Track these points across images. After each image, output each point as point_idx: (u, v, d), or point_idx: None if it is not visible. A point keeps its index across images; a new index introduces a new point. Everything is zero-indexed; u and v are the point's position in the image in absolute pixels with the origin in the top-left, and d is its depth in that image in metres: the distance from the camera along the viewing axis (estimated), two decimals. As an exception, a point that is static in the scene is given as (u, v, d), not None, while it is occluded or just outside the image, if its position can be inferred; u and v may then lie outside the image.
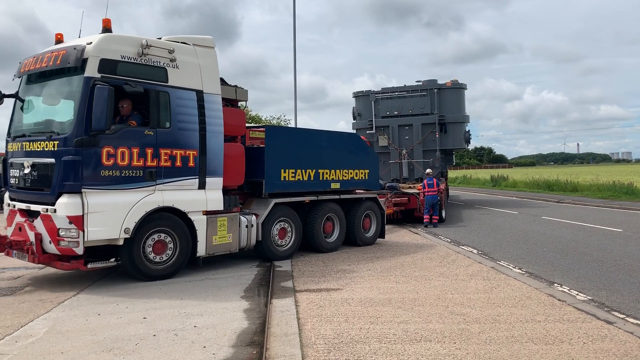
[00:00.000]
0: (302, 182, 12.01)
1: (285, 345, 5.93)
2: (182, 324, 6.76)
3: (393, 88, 26.78)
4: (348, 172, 13.19)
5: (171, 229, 9.42)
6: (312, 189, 12.31)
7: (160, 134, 9.26)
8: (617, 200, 27.81)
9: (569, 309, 7.51)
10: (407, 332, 6.43)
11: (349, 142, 13.68)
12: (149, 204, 9.05)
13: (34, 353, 5.77)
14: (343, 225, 13.05)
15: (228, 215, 10.37)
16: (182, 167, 9.54)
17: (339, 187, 12.94)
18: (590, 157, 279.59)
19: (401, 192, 19.47)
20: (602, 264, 10.97)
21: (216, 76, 10.32)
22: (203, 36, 10.31)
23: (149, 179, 9.08)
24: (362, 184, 13.72)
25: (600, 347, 5.90)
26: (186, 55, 9.77)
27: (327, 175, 12.61)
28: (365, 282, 9.33)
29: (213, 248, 10.11)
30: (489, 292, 8.58)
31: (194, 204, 9.73)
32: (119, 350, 5.82)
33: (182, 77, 9.63)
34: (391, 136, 25.75)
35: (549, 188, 38.65)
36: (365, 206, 13.77)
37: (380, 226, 14.25)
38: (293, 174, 11.78)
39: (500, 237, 15.55)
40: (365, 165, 13.75)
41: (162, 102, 9.35)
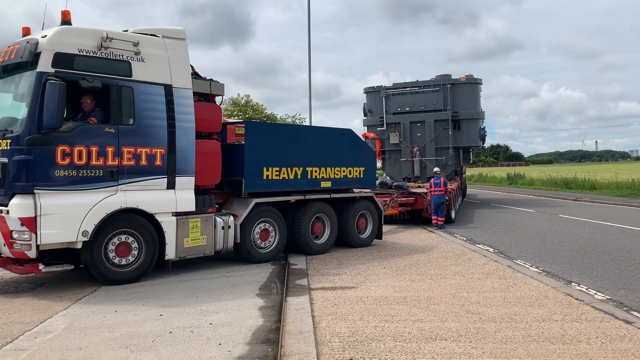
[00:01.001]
0: (288, 181, 11.46)
1: (300, 343, 5.94)
2: (197, 321, 6.81)
3: (405, 83, 25.86)
4: (341, 170, 12.60)
5: (136, 231, 8.98)
6: (300, 188, 11.77)
7: (122, 131, 8.78)
8: (636, 199, 27.39)
9: (587, 308, 7.42)
10: (423, 331, 6.41)
11: (341, 139, 12.99)
12: (110, 205, 8.60)
13: (52, 349, 5.85)
14: (334, 225, 12.46)
15: (202, 216, 9.87)
16: (148, 166, 9.08)
17: (330, 185, 12.39)
18: (609, 155, 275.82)
19: (408, 191, 18.74)
20: (620, 263, 10.82)
21: (187, 69, 9.81)
22: (173, 27, 9.85)
23: (110, 179, 8.64)
24: (356, 182, 13.11)
25: (619, 347, 5.82)
26: (153, 47, 9.29)
27: (316, 173, 12.02)
28: (380, 281, 9.31)
29: (184, 251, 9.62)
30: (505, 290, 8.51)
31: (162, 205, 9.26)
32: (135, 346, 5.88)
33: (148, 71, 9.15)
34: (402, 133, 25.01)
35: (567, 186, 38.18)
36: (360, 206, 13.19)
37: (377, 227, 13.63)
38: (277, 173, 11.22)
39: (516, 235, 15.42)
40: (360, 163, 13.15)
41: (125, 97, 8.87)
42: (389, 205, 17.19)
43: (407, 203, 18.12)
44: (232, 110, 42.35)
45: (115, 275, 8.84)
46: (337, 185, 12.59)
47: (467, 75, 25.21)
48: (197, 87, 10.21)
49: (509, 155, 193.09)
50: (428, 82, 25.25)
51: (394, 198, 17.65)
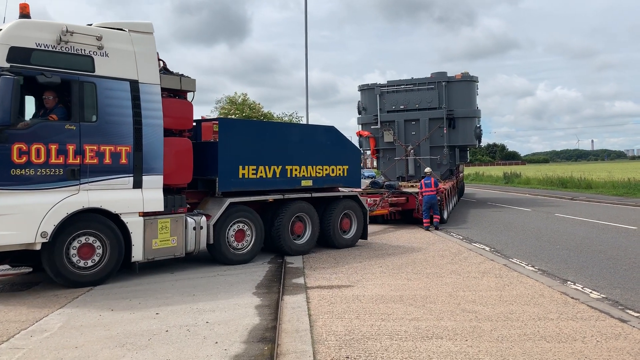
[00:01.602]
0: (266, 180, 11.12)
1: (296, 342, 5.95)
2: (194, 319, 6.80)
3: (399, 81, 25.31)
4: (323, 168, 12.27)
5: (100, 232, 8.65)
6: (279, 187, 11.46)
7: (84, 128, 8.47)
8: (632, 198, 27.49)
9: (583, 307, 7.45)
10: (419, 329, 6.42)
11: (324, 136, 12.64)
12: (71, 205, 8.28)
13: (48, 347, 5.84)
14: (316, 225, 12.13)
15: (171, 216, 9.54)
16: (113, 164, 8.76)
17: (312, 184, 12.04)
18: (605, 154, 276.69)
19: (399, 191, 18.30)
20: (616, 262, 10.86)
21: (154, 64, 9.48)
22: (141, 21, 9.53)
23: (71, 178, 8.32)
24: (340, 181, 12.80)
25: (614, 346, 5.85)
26: (119, 42, 8.98)
27: (296, 172, 11.69)
28: (376, 279, 9.32)
29: (153, 252, 9.29)
30: (501, 289, 8.53)
31: (128, 205, 8.94)
32: (132, 345, 5.87)
33: (112, 66, 8.84)
34: (397, 131, 24.49)
35: (563, 185, 38.30)
36: (344, 205, 12.86)
37: (362, 227, 13.30)
38: (254, 171, 10.88)
39: (512, 234, 15.46)
40: (344, 161, 12.81)
41: (87, 93, 8.54)
42: (379, 205, 16.93)
43: (398, 203, 17.72)
44: (229, 109, 42.31)
45: (77, 278, 8.51)
46: (319, 184, 12.27)
47: (462, 73, 24.77)
48: (167, 82, 9.86)
49: (506, 154, 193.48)
50: (423, 79, 24.83)
51: (385, 198, 17.35)
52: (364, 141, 25.45)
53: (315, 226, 12.16)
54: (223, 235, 10.42)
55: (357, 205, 13.23)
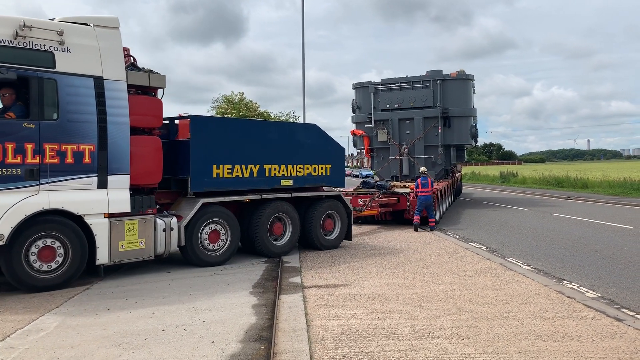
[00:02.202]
0: (243, 179, 10.80)
1: (293, 341, 5.95)
2: (190, 319, 6.80)
3: (394, 79, 24.85)
4: (304, 167, 11.94)
5: (62, 234, 8.35)
6: (257, 187, 11.13)
7: (44, 126, 8.18)
8: (627, 197, 27.59)
9: (578, 306, 7.47)
10: (415, 328, 6.43)
11: (305, 135, 12.31)
12: (30, 206, 8.00)
13: (44, 347, 5.83)
14: (296, 226, 11.78)
15: (139, 217, 9.24)
16: (75, 163, 8.46)
17: (292, 184, 11.72)
18: (601, 154, 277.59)
19: (390, 191, 17.84)
20: (612, 261, 10.90)
21: (120, 60, 9.15)
22: (106, 16, 9.25)
23: (30, 178, 8.03)
24: (322, 180, 12.44)
25: (610, 345, 5.87)
26: (82, 37, 8.66)
27: (275, 171, 11.36)
28: (373, 278, 9.33)
29: (119, 255, 9.00)
30: (497, 288, 8.55)
31: (92, 206, 8.64)
32: (128, 344, 5.86)
33: (75, 62, 8.52)
34: (391, 130, 24.05)
35: (559, 185, 38.41)
36: (327, 205, 12.52)
37: (346, 227, 12.99)
38: (230, 170, 10.56)
39: (509, 233, 15.49)
40: (327, 160, 12.47)
41: (47, 90, 8.26)
42: (368, 206, 16.76)
43: (389, 204, 17.38)
44: (225, 108, 42.26)
45: (36, 282, 8.22)
46: (300, 183, 11.94)
47: (458, 71, 24.37)
48: (134, 79, 9.54)
49: (502, 153, 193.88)
50: (418, 77, 24.44)
51: (375, 198, 17.04)
52: (358, 140, 25.18)
53: (296, 227, 11.81)
54: (196, 236, 10.13)
55: (341, 205, 12.90)
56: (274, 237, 11.50)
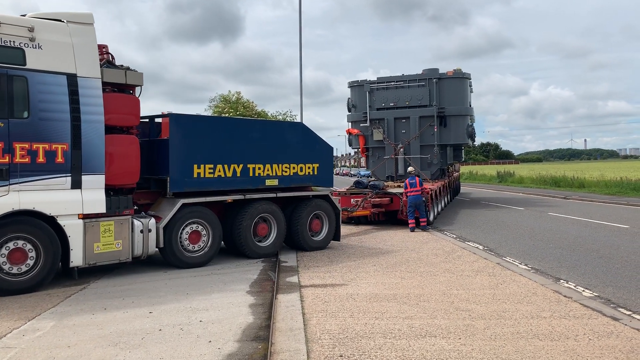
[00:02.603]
0: (225, 179, 10.57)
1: (290, 340, 5.95)
2: (187, 318, 6.79)
3: (389, 78, 24.39)
4: (290, 166, 11.69)
5: (32, 235, 8.14)
6: (240, 187, 10.90)
7: (14, 125, 7.95)
8: (624, 197, 27.65)
9: (575, 306, 7.48)
10: (412, 328, 6.44)
11: (291, 133, 12.07)
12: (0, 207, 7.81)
13: (40, 347, 5.81)
14: (282, 227, 11.54)
15: (116, 219, 9.00)
16: (47, 163, 8.22)
17: (277, 184, 11.47)
18: (598, 153, 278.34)
19: (383, 191, 17.61)
20: (608, 261, 10.92)
21: (94, 57, 8.89)
22: (80, 12, 9.04)
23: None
24: (309, 180, 12.19)
25: (606, 344, 5.88)
26: (54, 33, 8.45)
27: (260, 170, 11.12)
28: (370, 278, 9.33)
29: (95, 257, 8.77)
30: (494, 288, 8.56)
31: (65, 207, 8.41)
32: (124, 344, 5.85)
33: (47, 59, 8.30)
34: (386, 129, 23.58)
35: (556, 184, 38.49)
36: (314, 205, 12.26)
37: (335, 228, 12.74)
38: (211, 170, 10.32)
39: (506, 233, 15.51)
40: (314, 159, 12.22)
41: (17, 88, 8.03)
42: (361, 206, 16.57)
43: (382, 204, 17.10)
44: (223, 107, 42.21)
45: (6, 285, 7.99)
46: (286, 183, 11.70)
47: (454, 70, 23.92)
48: (110, 76, 9.30)
49: (499, 153, 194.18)
50: (414, 76, 23.97)
51: (368, 198, 16.82)
52: (354, 139, 24.78)
53: (281, 228, 11.56)
54: (175, 237, 9.91)
55: (329, 206, 12.64)
56: (258, 238, 11.25)
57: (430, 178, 22.55)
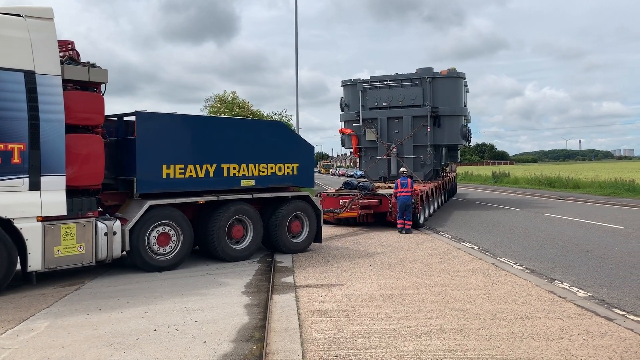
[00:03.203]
0: (197, 180, 10.24)
1: (285, 341, 5.95)
2: (182, 318, 6.78)
3: (383, 77, 23.91)
4: (267, 166, 11.36)
5: None
6: (214, 188, 10.57)
7: None
8: (618, 197, 27.77)
9: (569, 306, 7.51)
10: (407, 328, 6.45)
11: (269, 132, 11.67)
12: None
13: (35, 347, 5.79)
14: (259, 229, 11.21)
15: (78, 221, 8.64)
16: (3, 164, 7.89)
17: (254, 184, 11.13)
18: (592, 154, 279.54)
19: (372, 192, 17.16)
20: (602, 261, 10.97)
21: (54, 53, 8.56)
22: (39, 6, 8.63)
23: None
24: (289, 180, 11.84)
25: (600, 344, 5.90)
26: (10, 28, 8.12)
27: (235, 170, 10.78)
28: (365, 278, 9.34)
29: (55, 261, 8.42)
30: (489, 288, 8.58)
31: (22, 209, 8.07)
32: (119, 344, 5.84)
33: (2, 55, 7.99)
34: (379, 129, 23.17)
35: (551, 185, 38.61)
36: (294, 206, 11.93)
37: (315, 230, 12.37)
38: (182, 170, 9.98)
39: (501, 233, 15.55)
40: (294, 159, 11.87)
41: None
42: (348, 207, 16.25)
43: (370, 205, 16.71)
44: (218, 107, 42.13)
45: None
46: (264, 183, 11.36)
47: (449, 69, 23.48)
48: (72, 73, 8.90)
49: (495, 154, 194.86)
50: (407, 75, 23.51)
51: (356, 199, 16.47)
52: (347, 139, 24.41)
53: (258, 230, 11.23)
54: (143, 240, 9.56)
55: (309, 207, 12.27)
56: (233, 240, 10.94)
57: (424, 179, 22.33)
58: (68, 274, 9.50)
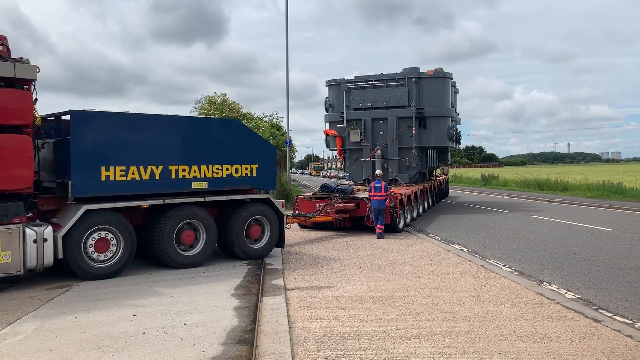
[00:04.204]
0: (141, 183, 9.64)
1: (275, 343, 5.93)
2: (171, 321, 6.74)
3: (367, 77, 23.15)
4: (222, 168, 10.76)
5: None
6: (161, 191, 9.95)
7: None
8: (606, 200, 28.01)
9: (558, 308, 7.56)
10: (397, 330, 6.46)
11: (224, 131, 11.05)
12: None
13: (22, 351, 5.73)
14: (212, 234, 10.60)
15: (3, 228, 8.11)
16: None
17: (207, 186, 10.53)
18: (581, 157, 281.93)
19: (349, 196, 16.37)
20: (590, 263, 11.05)
21: None
22: None
23: None
24: (247, 182, 11.21)
25: (588, 345, 5.95)
26: None
27: (184, 172, 10.20)
28: (355, 280, 9.35)
29: None
30: (478, 290, 8.62)
31: None
32: (108, 347, 5.80)
33: None
34: (364, 131, 22.47)
35: (539, 187, 38.88)
36: (253, 210, 11.29)
37: (277, 234, 11.70)
38: (123, 173, 9.41)
39: (490, 235, 15.63)
40: (252, 160, 11.26)
41: None
42: (322, 212, 15.56)
43: (346, 209, 16.01)
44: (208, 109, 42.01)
45: None
46: (218, 186, 10.76)
47: (435, 69, 22.76)
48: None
49: (484, 156, 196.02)
50: (392, 75, 22.75)
51: (332, 203, 15.79)
52: (331, 140, 23.75)
53: (212, 235, 10.63)
54: (78, 247, 9.01)
55: (270, 210, 11.62)
56: (183, 246, 10.36)
57: (409, 182, 21.85)
58: (56, 276, 9.42)
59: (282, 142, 41.12)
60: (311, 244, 13.85)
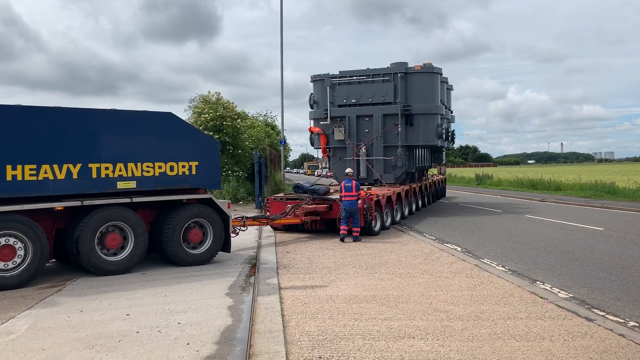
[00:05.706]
0: (55, 183, 8.92)
1: (269, 342, 5.93)
2: (165, 320, 6.73)
3: (352, 72, 22.02)
4: (154, 165, 9.98)
5: None
6: (80, 191, 9.21)
7: None
8: (599, 200, 28.15)
9: (551, 307, 7.60)
10: (391, 329, 6.47)
11: (156, 126, 10.20)
12: None
13: (14, 350, 5.70)
14: (141, 238, 9.86)
15: None
16: None
17: (135, 186, 9.78)
18: (574, 157, 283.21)
19: (321, 197, 15.46)
20: (583, 262, 11.11)
21: None
22: None
23: None
24: (184, 181, 10.42)
25: (581, 344, 5.98)
26: None
27: (108, 171, 9.44)
28: (350, 279, 9.36)
29: None
30: (472, 289, 8.65)
31: None
32: (101, 347, 5.78)
33: None
34: (348, 128, 21.47)
35: (533, 187, 39.03)
36: (193, 212, 10.45)
37: (222, 238, 10.87)
38: (34, 171, 8.70)
39: (483, 235, 15.68)
40: (191, 157, 10.45)
41: None
42: (290, 214, 14.70)
43: (317, 211, 15.04)
44: (202, 108, 41.91)
45: None
46: (149, 185, 9.98)
47: (424, 63, 21.59)
48: None
49: (478, 156, 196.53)
50: (378, 70, 21.69)
51: (302, 204, 14.96)
52: (315, 138, 22.73)
53: (141, 239, 9.88)
54: None
55: (213, 212, 10.78)
56: (108, 251, 9.64)
57: (394, 182, 21.02)
58: (49, 276, 9.38)
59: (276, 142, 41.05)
60: (305, 243, 13.85)
